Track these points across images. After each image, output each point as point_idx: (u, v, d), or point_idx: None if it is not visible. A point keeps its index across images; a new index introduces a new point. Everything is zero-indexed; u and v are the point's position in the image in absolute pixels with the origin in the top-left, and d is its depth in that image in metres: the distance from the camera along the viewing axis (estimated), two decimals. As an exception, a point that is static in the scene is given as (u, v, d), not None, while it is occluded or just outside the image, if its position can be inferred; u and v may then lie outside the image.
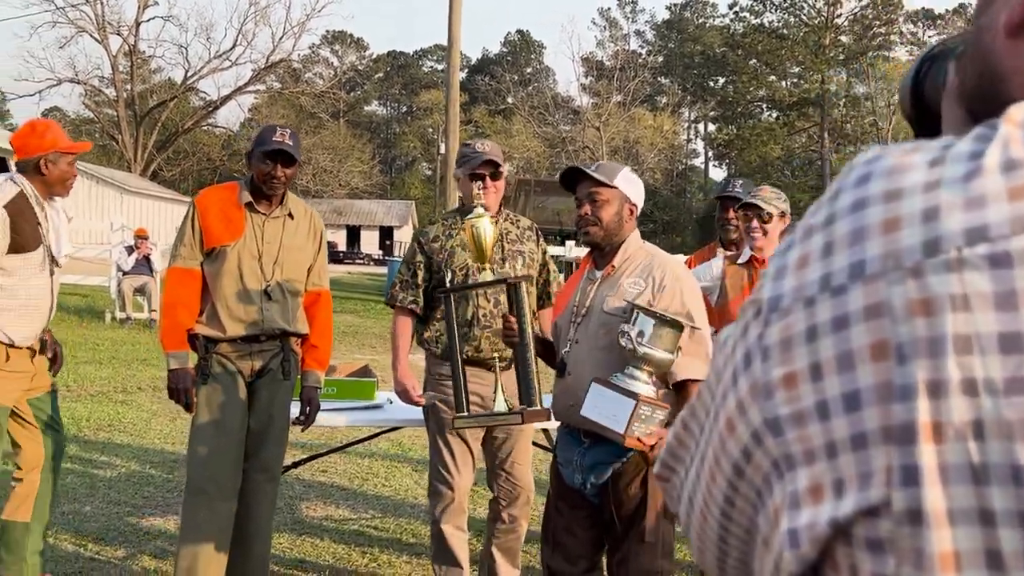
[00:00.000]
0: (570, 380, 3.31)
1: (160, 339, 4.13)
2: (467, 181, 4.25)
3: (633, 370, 3.10)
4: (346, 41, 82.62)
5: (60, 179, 4.27)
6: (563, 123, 55.41)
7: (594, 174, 3.29)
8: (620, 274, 3.31)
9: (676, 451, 0.86)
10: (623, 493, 3.26)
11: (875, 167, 0.67)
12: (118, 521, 5.58)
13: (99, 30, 45.93)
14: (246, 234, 4.08)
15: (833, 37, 54.54)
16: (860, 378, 0.63)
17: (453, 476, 4.21)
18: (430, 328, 4.28)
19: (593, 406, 3.08)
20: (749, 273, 4.38)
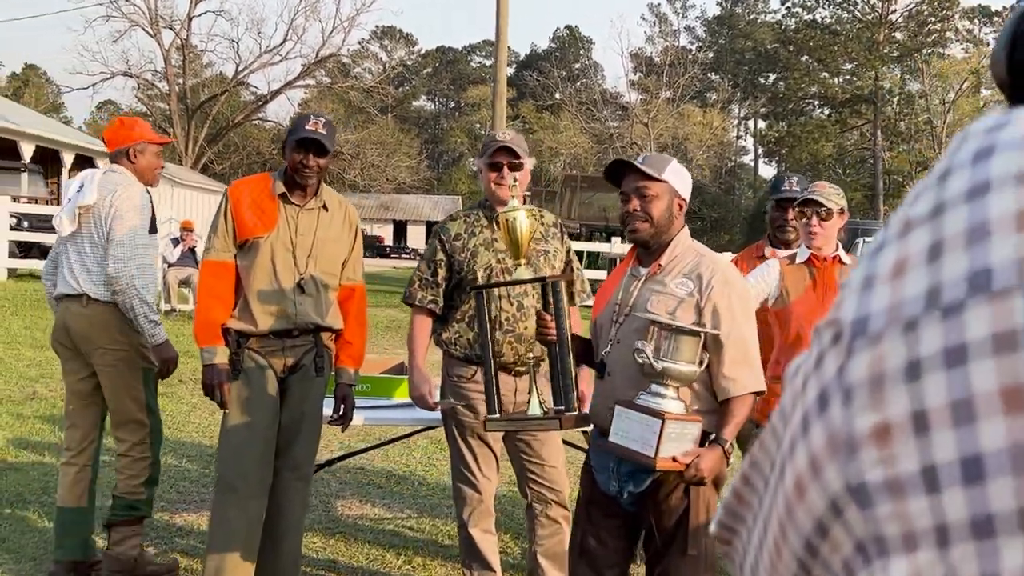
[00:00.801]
0: (609, 382, 3.16)
1: (195, 333, 4.03)
2: (485, 171, 4.05)
3: (658, 387, 2.94)
4: (395, 36, 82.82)
5: (148, 168, 4.65)
6: (611, 119, 55.12)
7: (643, 167, 3.11)
8: (666, 273, 3.13)
9: (736, 509, 0.68)
10: (664, 503, 3.09)
11: (1001, 137, 0.51)
12: (153, 518, 5.50)
13: (152, 24, 46.28)
14: (279, 226, 3.97)
15: (887, 33, 53.68)
16: (986, 436, 0.46)
17: (477, 479, 4.07)
18: (449, 329, 4.10)
19: (620, 431, 2.93)
20: (811, 272, 4.15)
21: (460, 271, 4.01)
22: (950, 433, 0.47)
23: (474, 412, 4.00)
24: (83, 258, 4.44)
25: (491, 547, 4.11)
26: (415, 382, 4.12)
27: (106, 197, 4.43)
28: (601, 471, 3.20)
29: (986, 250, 0.47)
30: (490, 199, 4.09)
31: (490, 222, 4.05)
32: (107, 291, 4.38)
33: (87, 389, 4.55)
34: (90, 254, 4.43)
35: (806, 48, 57.69)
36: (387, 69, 66.63)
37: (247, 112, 51.04)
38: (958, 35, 56.45)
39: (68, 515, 4.53)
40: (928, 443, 0.47)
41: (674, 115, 51.64)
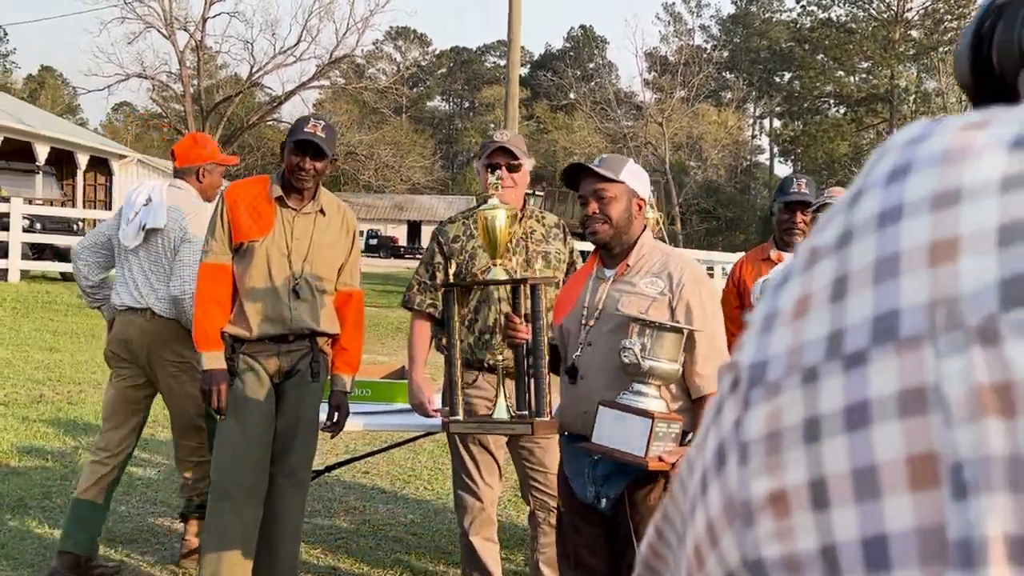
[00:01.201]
0: (583, 386, 3.11)
1: (193, 337, 3.97)
2: (484, 172, 3.95)
3: (640, 386, 2.94)
4: (409, 37, 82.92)
5: (212, 187, 4.84)
6: (625, 119, 54.95)
7: (599, 169, 3.11)
8: (635, 273, 3.12)
9: (653, 564, 0.59)
10: (643, 504, 3.03)
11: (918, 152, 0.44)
12: (153, 522, 5.47)
13: (166, 26, 46.33)
14: (275, 229, 3.92)
15: (903, 32, 53.40)
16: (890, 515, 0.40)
17: (479, 486, 4.00)
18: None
19: (605, 432, 2.90)
20: None
21: (459, 273, 3.93)
22: (852, 508, 0.40)
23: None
24: (147, 275, 4.58)
25: (493, 556, 4.05)
26: (414, 389, 4.07)
27: (177, 222, 4.56)
28: (576, 478, 3.16)
29: (895, 289, 0.41)
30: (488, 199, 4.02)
31: None
32: (171, 308, 4.52)
33: (138, 396, 4.69)
34: (155, 272, 4.58)
35: (821, 47, 57.47)
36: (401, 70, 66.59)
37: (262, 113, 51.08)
38: (975, 33, 56.08)
39: (86, 509, 4.56)
40: (828, 518, 0.41)
41: (689, 114, 51.49)
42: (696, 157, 54.65)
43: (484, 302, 3.92)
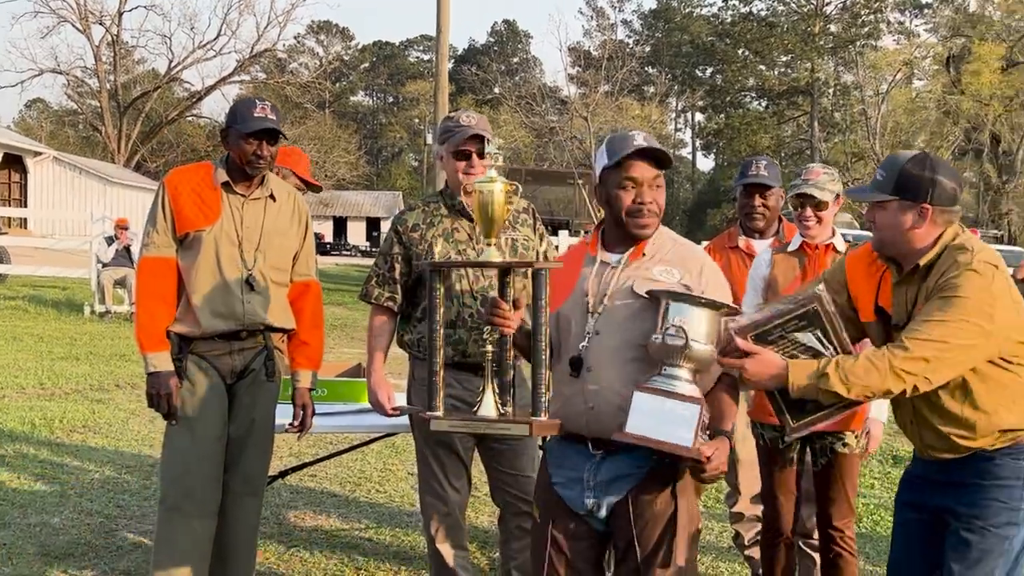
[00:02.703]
0: (589, 379, 2.77)
1: (136, 338, 3.64)
2: (451, 160, 3.71)
3: (673, 370, 2.65)
4: (331, 31, 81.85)
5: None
6: (551, 113, 54.84)
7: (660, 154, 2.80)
8: (649, 260, 2.84)
9: None
10: (648, 510, 2.75)
11: None
12: (89, 534, 5.13)
13: (81, 20, 45.24)
14: (223, 218, 3.61)
15: (822, 25, 54.18)
16: None
17: (446, 490, 3.75)
18: (412, 329, 3.78)
19: (640, 420, 2.61)
20: (801, 261, 3.95)
21: (417, 265, 3.69)
22: None
23: None
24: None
25: (463, 563, 3.81)
26: (372, 387, 3.80)
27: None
28: (569, 484, 2.84)
29: None
30: (454, 189, 3.76)
31: (450, 212, 3.74)
32: None
33: None
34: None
35: (743, 41, 58.10)
36: (324, 64, 65.80)
37: (181, 108, 50.16)
38: (890, 27, 57.15)
39: None
40: None
41: (613, 109, 51.51)
42: (621, 150, 54.76)
43: (445, 295, 3.65)
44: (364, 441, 5.49)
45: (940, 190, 2.77)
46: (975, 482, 2.82)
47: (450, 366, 3.65)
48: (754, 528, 4.60)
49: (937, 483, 2.92)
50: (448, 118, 3.82)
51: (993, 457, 2.80)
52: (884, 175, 2.85)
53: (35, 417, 7.79)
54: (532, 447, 3.84)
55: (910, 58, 47.70)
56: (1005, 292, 2.72)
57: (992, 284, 2.70)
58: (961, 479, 2.84)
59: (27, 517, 5.34)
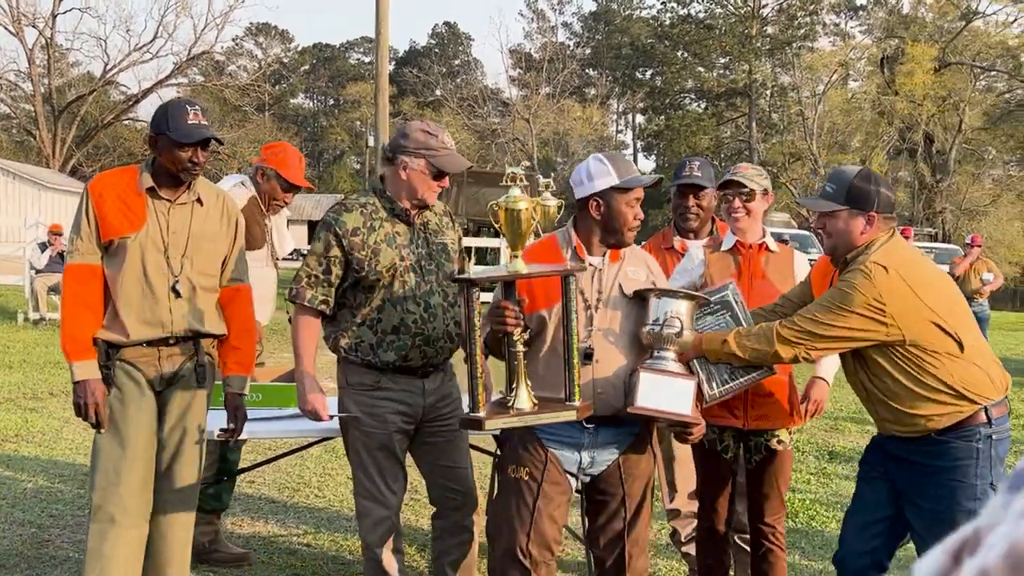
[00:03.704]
0: (595, 368, 3.27)
1: (62, 347, 3.58)
2: (423, 176, 3.66)
3: (664, 353, 3.24)
4: (270, 33, 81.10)
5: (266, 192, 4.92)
6: (493, 115, 54.94)
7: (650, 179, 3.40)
8: (625, 261, 3.40)
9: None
10: (636, 469, 3.37)
11: None
12: (21, 545, 5.05)
13: (14, 22, 44.34)
14: (148, 224, 3.56)
15: (759, 27, 54.75)
16: None
17: (384, 493, 3.73)
18: (347, 333, 3.71)
19: (648, 395, 3.16)
20: (736, 260, 3.98)
21: (359, 270, 3.63)
22: None
23: (380, 421, 3.68)
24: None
25: (400, 567, 3.80)
26: (306, 393, 3.67)
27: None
28: (572, 448, 3.32)
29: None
30: (407, 196, 3.71)
31: (389, 214, 3.71)
32: None
33: None
34: None
35: (681, 43, 58.49)
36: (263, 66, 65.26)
37: (117, 112, 49.40)
38: (826, 28, 57.93)
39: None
40: None
41: (554, 110, 51.78)
42: (563, 152, 54.99)
43: (388, 301, 3.64)
44: (302, 445, 5.45)
45: (883, 200, 3.27)
46: (931, 464, 3.21)
47: (393, 370, 3.66)
48: (690, 524, 4.64)
49: (898, 459, 3.33)
50: (424, 131, 3.72)
51: (947, 440, 3.18)
52: (834, 187, 3.29)
53: (-35, 427, 7.63)
54: (466, 439, 3.94)
55: (845, 59, 48.42)
56: (895, 288, 3.13)
57: (875, 281, 3.13)
58: (919, 460, 3.24)
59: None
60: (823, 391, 4.04)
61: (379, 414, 3.68)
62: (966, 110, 42.05)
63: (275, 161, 4.90)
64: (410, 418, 3.74)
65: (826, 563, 5.17)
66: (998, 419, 3.21)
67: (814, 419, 9.28)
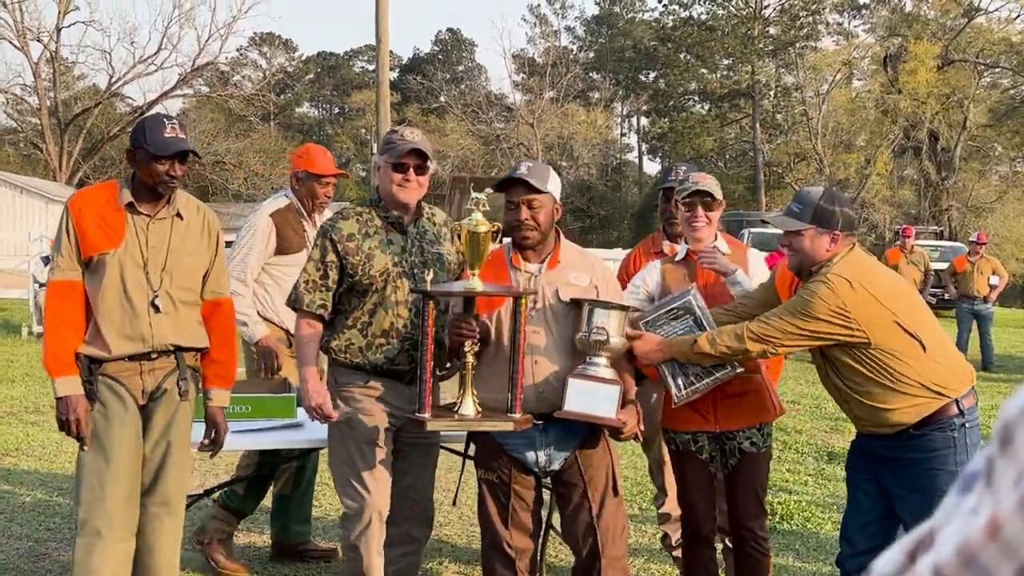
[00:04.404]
0: (535, 369, 3.52)
1: (44, 363, 3.62)
2: (388, 171, 3.78)
3: (596, 359, 3.47)
4: (274, 43, 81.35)
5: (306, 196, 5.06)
6: (497, 120, 55.01)
7: (531, 181, 3.51)
8: (564, 268, 3.62)
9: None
10: (592, 460, 3.62)
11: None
12: (17, 558, 5.09)
13: (19, 37, 44.52)
14: (127, 239, 3.60)
15: (761, 28, 54.75)
16: None
17: (371, 493, 3.75)
18: (339, 336, 3.81)
19: (576, 401, 3.40)
20: (690, 269, 4.01)
21: (353, 275, 3.73)
22: None
23: (368, 416, 3.77)
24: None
25: (380, 569, 3.82)
26: (311, 391, 3.71)
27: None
28: (527, 448, 3.60)
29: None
30: (386, 200, 3.85)
31: (384, 222, 3.82)
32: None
33: None
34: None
35: (684, 45, 58.53)
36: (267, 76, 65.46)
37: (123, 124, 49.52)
38: (829, 28, 57.90)
39: (275, 502, 5.16)
40: None
41: (558, 115, 51.78)
42: (567, 157, 54.98)
43: (380, 305, 3.74)
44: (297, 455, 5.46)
45: (846, 219, 3.49)
46: (911, 457, 3.40)
47: (379, 373, 3.72)
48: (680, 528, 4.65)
49: (880, 457, 3.50)
50: (392, 131, 3.93)
51: (923, 433, 3.36)
52: (800, 208, 3.52)
53: (-34, 442, 7.68)
54: (436, 453, 4.04)
55: (849, 58, 48.36)
56: (859, 299, 3.34)
57: (838, 292, 3.34)
58: (900, 455, 3.42)
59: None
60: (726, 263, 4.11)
61: (367, 409, 3.75)
62: (970, 107, 41.92)
63: (302, 163, 5.03)
64: (396, 420, 3.78)
65: (820, 565, 5.19)
66: (969, 409, 3.41)
67: (814, 420, 9.32)
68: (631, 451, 6.89)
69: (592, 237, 55.26)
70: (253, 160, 48.04)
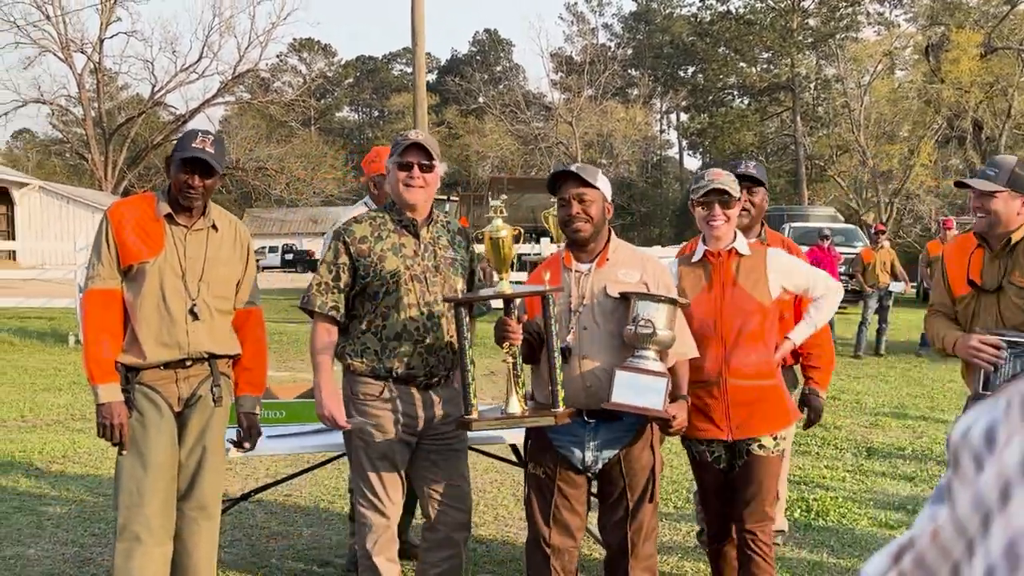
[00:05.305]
0: (582, 364, 3.56)
1: (86, 370, 3.72)
2: (394, 170, 3.80)
3: (644, 352, 3.47)
4: (314, 48, 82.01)
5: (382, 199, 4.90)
6: (536, 120, 54.98)
7: (581, 175, 3.56)
8: (614, 265, 3.65)
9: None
10: (636, 462, 3.64)
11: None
12: (64, 564, 5.19)
13: (62, 49, 45.23)
14: (166, 249, 3.69)
15: (800, 20, 54.33)
16: None
17: (384, 503, 3.80)
18: (355, 341, 3.81)
19: (623, 393, 3.42)
20: (707, 271, 3.87)
21: (365, 276, 3.74)
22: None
23: (382, 431, 3.76)
24: None
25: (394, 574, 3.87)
26: (324, 400, 3.74)
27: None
28: (575, 446, 3.63)
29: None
30: (396, 200, 3.85)
31: (397, 226, 3.82)
32: None
33: None
34: None
35: (722, 39, 58.25)
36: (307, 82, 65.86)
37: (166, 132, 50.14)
38: (869, 18, 57.29)
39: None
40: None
41: (597, 113, 51.66)
42: (607, 155, 54.86)
43: (393, 308, 3.74)
44: (335, 455, 5.54)
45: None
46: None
47: (396, 380, 3.73)
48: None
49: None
50: (399, 134, 3.96)
51: None
52: (995, 172, 3.71)
53: (14, 450, 7.85)
54: (465, 457, 4.00)
55: (890, 49, 47.82)
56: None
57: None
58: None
59: (2, 550, 5.40)
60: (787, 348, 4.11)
61: (381, 424, 3.76)
62: (1015, 95, 41.27)
63: (375, 167, 5.02)
64: (411, 430, 3.79)
65: (855, 561, 5.17)
66: None
67: (854, 415, 9.27)
68: (667, 450, 6.90)
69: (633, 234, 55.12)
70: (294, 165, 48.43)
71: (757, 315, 3.76)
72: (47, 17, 44.00)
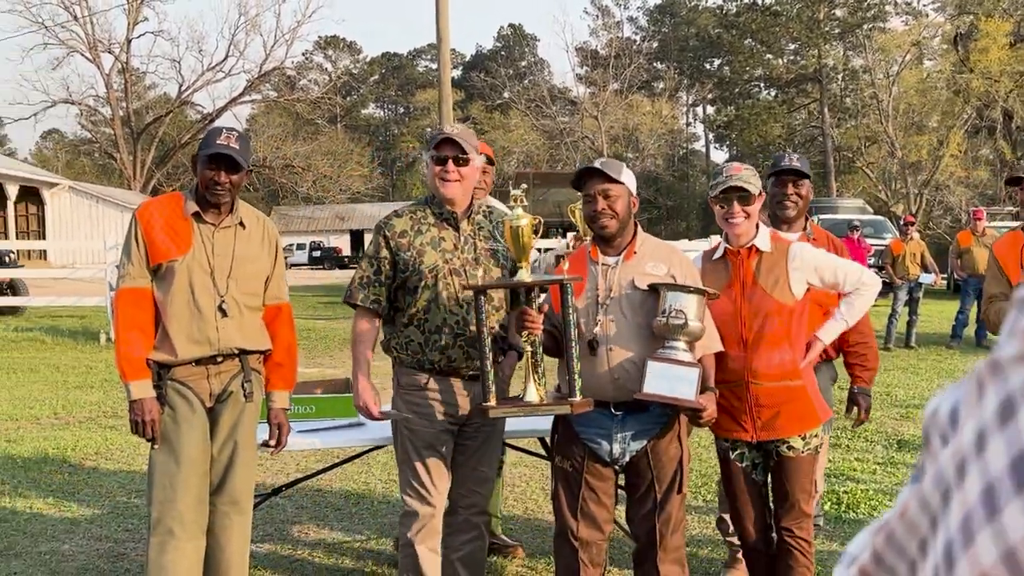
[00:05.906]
0: (610, 356, 3.56)
1: (118, 368, 3.76)
2: (431, 164, 3.85)
3: (675, 343, 3.48)
4: (339, 45, 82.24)
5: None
6: (561, 114, 54.92)
7: (606, 170, 3.57)
8: (642, 258, 3.65)
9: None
10: (664, 454, 3.64)
11: None
12: (98, 559, 5.25)
13: (90, 49, 45.63)
14: (195, 247, 3.73)
15: (827, 11, 54.01)
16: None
17: (431, 493, 3.84)
18: (398, 334, 3.88)
19: (655, 382, 3.43)
20: (728, 268, 3.81)
21: (405, 270, 3.80)
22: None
23: (429, 421, 3.82)
24: None
25: (437, 568, 3.90)
26: (359, 390, 3.87)
27: None
28: (602, 438, 3.63)
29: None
30: (435, 194, 3.89)
31: (437, 219, 3.87)
32: None
33: None
34: None
35: (748, 31, 58.01)
36: (333, 79, 66.11)
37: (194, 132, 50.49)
38: (897, 8, 56.83)
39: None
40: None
41: (623, 107, 51.57)
42: (633, 148, 54.76)
43: (434, 302, 3.79)
44: (365, 450, 5.57)
45: None
46: None
47: (439, 372, 3.79)
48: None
49: None
50: (434, 127, 3.99)
51: None
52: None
53: (48, 447, 7.93)
54: (497, 446, 4.10)
55: (918, 39, 47.41)
56: None
57: None
58: None
59: (38, 545, 5.47)
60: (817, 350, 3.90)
61: (427, 413, 3.82)
62: (1046, 84, 40.85)
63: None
64: (454, 419, 3.86)
65: (886, 554, 5.15)
66: None
67: (884, 407, 9.21)
68: (696, 443, 6.89)
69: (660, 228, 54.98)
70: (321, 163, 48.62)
71: (777, 316, 3.68)
72: (75, 18, 44.41)
